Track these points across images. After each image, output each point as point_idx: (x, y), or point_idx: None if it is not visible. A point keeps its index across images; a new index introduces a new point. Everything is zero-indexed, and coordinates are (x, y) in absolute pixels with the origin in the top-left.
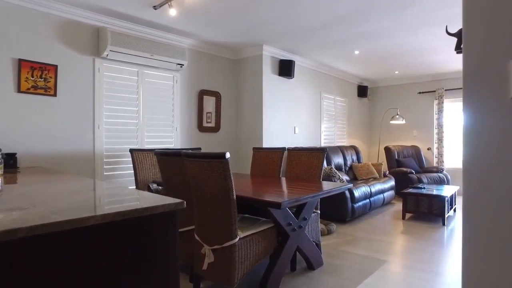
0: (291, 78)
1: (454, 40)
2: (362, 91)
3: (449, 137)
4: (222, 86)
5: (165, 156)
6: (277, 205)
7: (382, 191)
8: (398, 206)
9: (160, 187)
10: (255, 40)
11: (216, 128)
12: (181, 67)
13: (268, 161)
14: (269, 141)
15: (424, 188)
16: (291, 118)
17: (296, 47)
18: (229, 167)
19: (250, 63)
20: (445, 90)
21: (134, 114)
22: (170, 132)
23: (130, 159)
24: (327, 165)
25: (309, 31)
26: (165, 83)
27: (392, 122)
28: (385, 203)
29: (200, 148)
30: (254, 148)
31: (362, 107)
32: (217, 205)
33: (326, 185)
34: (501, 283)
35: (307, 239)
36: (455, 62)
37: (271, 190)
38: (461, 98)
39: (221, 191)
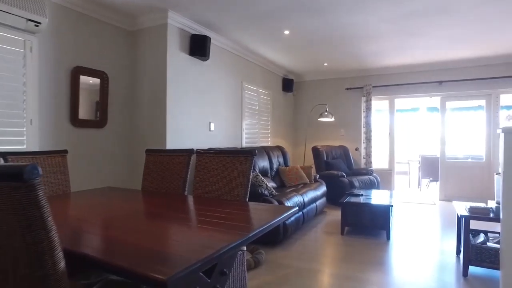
0: (206, 60)
1: (390, 28)
2: (288, 85)
3: (376, 136)
4: (111, 64)
5: None
6: (159, 284)
7: (315, 200)
8: (331, 215)
9: None
10: (158, 2)
11: (100, 123)
12: (37, 26)
13: (167, 170)
14: (176, 140)
15: (362, 195)
16: (206, 111)
17: (213, 20)
18: (39, 191)
19: (150, 35)
20: (373, 87)
21: None
22: (20, 126)
23: None
24: (252, 171)
25: None
26: (9, 50)
27: (321, 119)
28: (318, 213)
29: (66, 151)
30: (147, 151)
31: (287, 102)
32: None
33: (260, 212)
34: None
35: None
36: (385, 56)
37: (157, 234)
38: (389, 96)
39: (19, 249)
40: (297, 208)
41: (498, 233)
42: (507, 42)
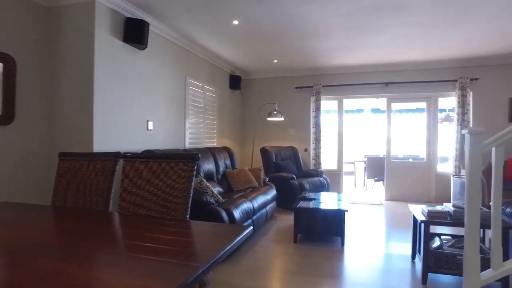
0: (144, 49)
1: (343, 23)
2: (235, 82)
3: (324, 137)
4: (21, 47)
5: None
6: None
7: (265, 205)
8: (282, 220)
9: None
10: None
11: (4, 118)
12: None
13: (84, 180)
14: (106, 141)
15: (314, 199)
16: (143, 107)
17: (153, 3)
18: None
19: (74, 14)
20: (323, 86)
21: None
22: None
23: None
24: (196, 176)
25: None
26: None
27: (270, 119)
28: (268, 219)
29: None
30: (60, 155)
31: (234, 101)
32: None
33: (207, 237)
34: None
35: None
36: (336, 55)
37: (62, 281)
38: (338, 96)
39: None
40: (252, 228)
41: (451, 235)
42: (450, 48)
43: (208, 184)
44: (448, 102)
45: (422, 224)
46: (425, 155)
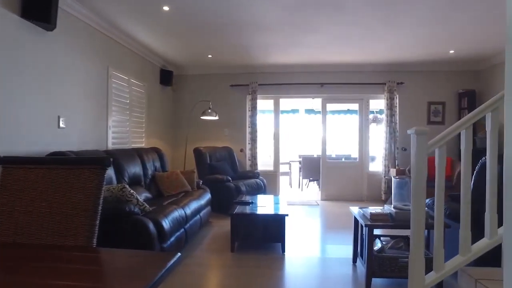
0: (52, 29)
1: (282, 18)
2: (166, 77)
3: (260, 137)
4: None
5: None
6: None
7: (198, 211)
8: (218, 225)
9: None
10: None
11: None
12: None
13: None
14: (2, 141)
15: (252, 203)
16: (53, 101)
17: None
18: None
19: None
20: (259, 85)
21: None
22: None
23: None
24: (118, 181)
25: None
26: None
27: (204, 117)
28: (203, 225)
29: None
30: None
31: (165, 98)
32: None
33: (121, 271)
34: None
35: None
36: (273, 52)
37: None
38: (274, 95)
39: None
40: (179, 255)
41: (389, 236)
42: (382, 51)
43: (132, 190)
44: (378, 104)
45: (366, 228)
46: (357, 155)
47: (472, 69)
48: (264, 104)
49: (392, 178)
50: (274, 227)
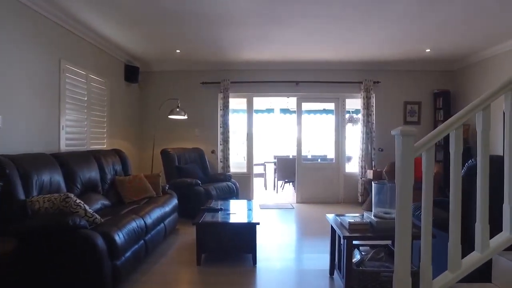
0: None
1: (254, 9)
2: (132, 73)
3: (233, 138)
4: None
5: None
6: None
7: (162, 219)
8: (185, 233)
9: None
10: None
11: None
12: None
13: None
14: None
15: (221, 209)
16: None
17: None
18: None
19: None
20: (231, 82)
21: None
22: None
23: None
24: (68, 189)
25: None
26: None
27: (172, 116)
28: (168, 234)
29: None
30: None
31: (131, 95)
32: None
33: None
34: None
35: None
36: (245, 48)
37: None
38: (248, 94)
39: None
40: None
41: (369, 245)
42: (359, 49)
43: (78, 200)
44: (354, 104)
45: (345, 241)
46: (334, 155)
47: (447, 69)
48: (237, 103)
49: (372, 183)
50: (245, 236)
